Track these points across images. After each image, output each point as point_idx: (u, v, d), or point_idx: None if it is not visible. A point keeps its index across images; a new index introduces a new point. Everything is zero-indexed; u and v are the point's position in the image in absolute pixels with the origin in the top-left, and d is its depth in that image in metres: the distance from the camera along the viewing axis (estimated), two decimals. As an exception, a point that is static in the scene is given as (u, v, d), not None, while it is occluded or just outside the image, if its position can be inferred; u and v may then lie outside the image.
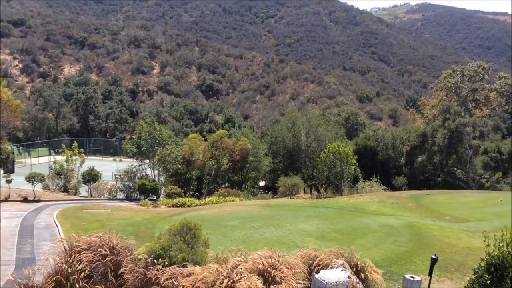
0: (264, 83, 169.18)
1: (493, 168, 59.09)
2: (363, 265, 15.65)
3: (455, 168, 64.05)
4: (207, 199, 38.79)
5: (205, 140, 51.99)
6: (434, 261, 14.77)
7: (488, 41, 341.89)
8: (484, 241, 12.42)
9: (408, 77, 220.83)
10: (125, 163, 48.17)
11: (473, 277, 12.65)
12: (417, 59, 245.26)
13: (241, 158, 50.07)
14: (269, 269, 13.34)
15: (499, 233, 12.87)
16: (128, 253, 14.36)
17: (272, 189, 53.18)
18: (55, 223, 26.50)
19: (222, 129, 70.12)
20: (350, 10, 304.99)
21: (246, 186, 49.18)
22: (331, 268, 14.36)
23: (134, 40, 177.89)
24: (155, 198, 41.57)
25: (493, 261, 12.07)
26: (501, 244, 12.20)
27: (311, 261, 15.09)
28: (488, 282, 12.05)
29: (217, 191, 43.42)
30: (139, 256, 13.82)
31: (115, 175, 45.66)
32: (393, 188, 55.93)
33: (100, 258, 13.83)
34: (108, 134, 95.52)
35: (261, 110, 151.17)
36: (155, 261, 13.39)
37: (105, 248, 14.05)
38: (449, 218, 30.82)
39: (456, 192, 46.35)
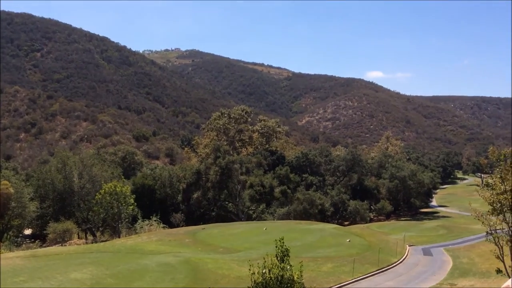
0: (29, 120, 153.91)
1: (258, 200, 66.45)
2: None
3: (227, 202, 69.42)
4: (-46, 257, 32.66)
5: (-48, 186, 44.10)
6: (209, 293, 15.47)
7: (250, 88, 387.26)
8: (250, 269, 13.38)
9: (182, 117, 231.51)
10: None
11: (242, 305, 13.61)
12: (189, 101, 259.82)
13: (1, 204, 44.18)
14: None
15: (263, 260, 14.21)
16: None
17: (40, 237, 48.39)
18: None
19: (-24, 172, 60.34)
20: (123, 50, 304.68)
21: (8, 236, 43.36)
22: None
23: None
24: None
25: (258, 288, 13.18)
26: (264, 271, 13.32)
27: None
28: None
29: (-31, 245, 37.07)
30: None
31: None
32: (171, 225, 56.99)
33: None
34: None
35: (26, 149, 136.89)
36: None
37: None
38: (222, 249, 32.96)
39: (228, 225, 50.10)
